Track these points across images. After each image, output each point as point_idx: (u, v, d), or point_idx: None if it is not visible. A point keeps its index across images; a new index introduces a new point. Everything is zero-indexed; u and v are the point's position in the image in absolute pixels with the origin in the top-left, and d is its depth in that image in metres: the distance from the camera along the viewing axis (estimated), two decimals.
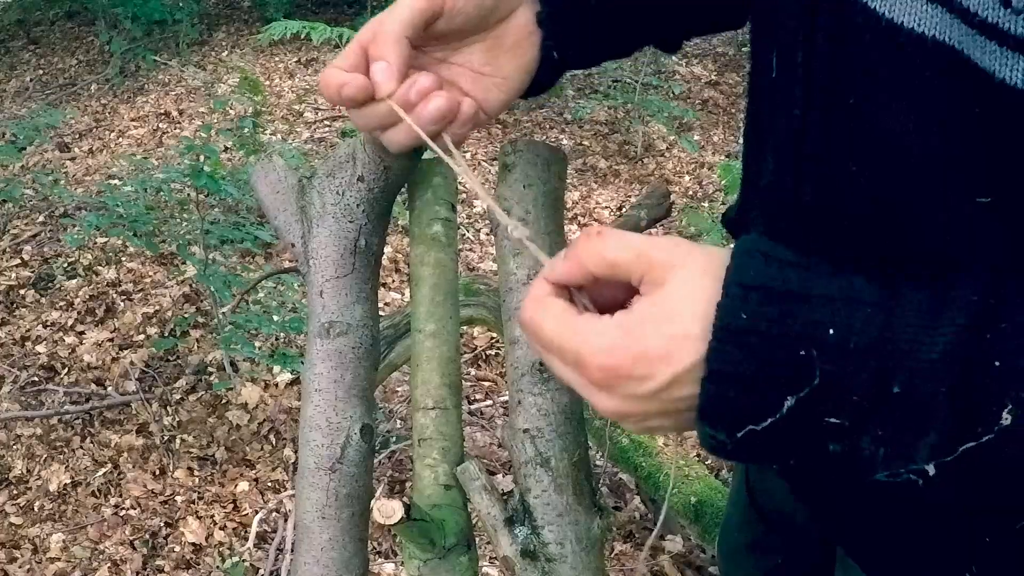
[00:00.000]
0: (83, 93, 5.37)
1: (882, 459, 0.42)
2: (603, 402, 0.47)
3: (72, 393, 2.87)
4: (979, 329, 0.41)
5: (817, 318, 0.42)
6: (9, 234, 3.78)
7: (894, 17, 0.47)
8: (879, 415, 0.42)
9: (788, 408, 0.42)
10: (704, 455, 2.50)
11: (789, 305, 0.42)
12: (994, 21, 0.42)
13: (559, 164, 0.74)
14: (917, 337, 0.41)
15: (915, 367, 0.41)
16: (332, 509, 0.73)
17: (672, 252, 0.46)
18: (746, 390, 0.43)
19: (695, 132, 4.43)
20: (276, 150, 3.98)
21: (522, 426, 0.69)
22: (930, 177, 0.49)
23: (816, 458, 0.44)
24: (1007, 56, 0.42)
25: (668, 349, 0.44)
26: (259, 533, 2.37)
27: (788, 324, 0.42)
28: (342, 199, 0.76)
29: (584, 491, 0.69)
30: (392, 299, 3.19)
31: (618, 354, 0.45)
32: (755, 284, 0.43)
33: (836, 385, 0.41)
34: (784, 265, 0.44)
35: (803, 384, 0.42)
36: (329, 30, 4.97)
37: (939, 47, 0.45)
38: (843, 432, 0.42)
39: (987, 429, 0.40)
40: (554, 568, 0.67)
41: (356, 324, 0.76)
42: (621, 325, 0.45)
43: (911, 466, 0.42)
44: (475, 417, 2.68)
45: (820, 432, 0.43)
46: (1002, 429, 0.40)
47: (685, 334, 0.44)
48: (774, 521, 0.92)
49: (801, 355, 0.41)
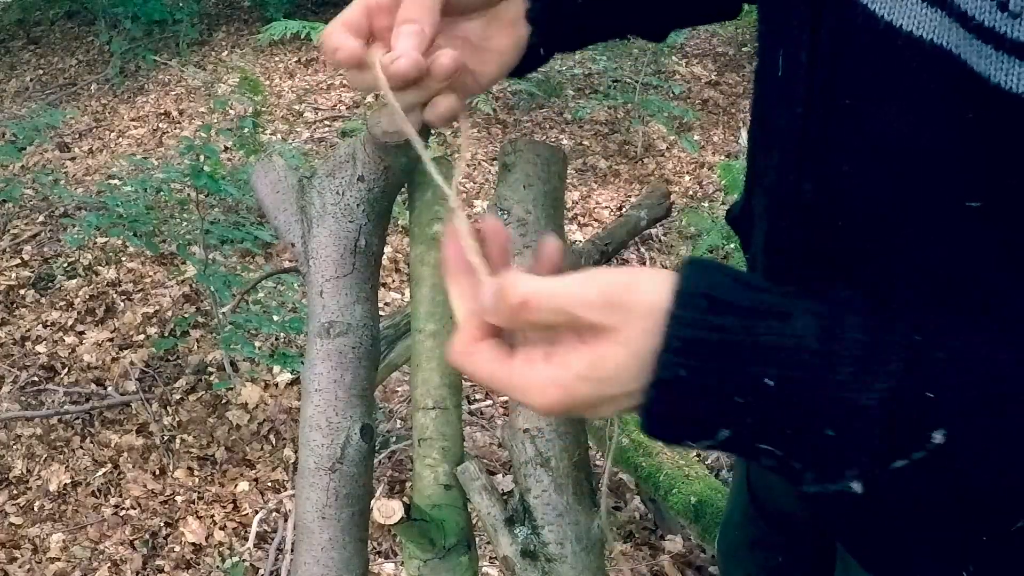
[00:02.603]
0: (83, 93, 5.37)
1: (812, 480, 0.45)
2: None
3: (72, 393, 2.87)
4: (913, 369, 0.42)
5: (756, 371, 0.42)
6: (9, 234, 3.78)
7: (893, 20, 0.47)
8: (810, 450, 0.44)
9: (724, 437, 0.44)
10: (704, 455, 2.50)
11: (728, 359, 0.43)
12: (991, 25, 0.42)
13: (559, 164, 0.74)
14: (853, 387, 0.42)
15: (851, 413, 0.42)
16: (332, 509, 0.73)
17: (606, 315, 0.44)
18: (683, 424, 0.45)
19: (695, 132, 4.43)
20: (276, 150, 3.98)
21: (522, 426, 0.69)
22: (923, 180, 0.49)
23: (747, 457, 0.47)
24: (1003, 60, 0.42)
25: (599, 403, 0.45)
26: (259, 533, 2.37)
27: (727, 376, 0.43)
28: (342, 199, 0.76)
29: (584, 491, 0.68)
30: (392, 299, 3.19)
31: (558, 407, 0.46)
32: (694, 338, 0.43)
33: (771, 426, 0.44)
34: (726, 310, 0.43)
35: (740, 424, 0.44)
36: None
37: (936, 51, 0.45)
38: (775, 457, 0.45)
39: (918, 448, 0.43)
40: (554, 568, 0.67)
41: (356, 324, 0.76)
42: (557, 383, 0.45)
43: (839, 484, 0.44)
44: (475, 417, 2.68)
45: (753, 452, 0.45)
46: (932, 449, 0.42)
47: (622, 393, 0.45)
48: (774, 520, 0.92)
49: (738, 402, 0.43)
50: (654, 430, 0.46)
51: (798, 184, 0.57)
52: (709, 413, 0.44)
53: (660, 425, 0.45)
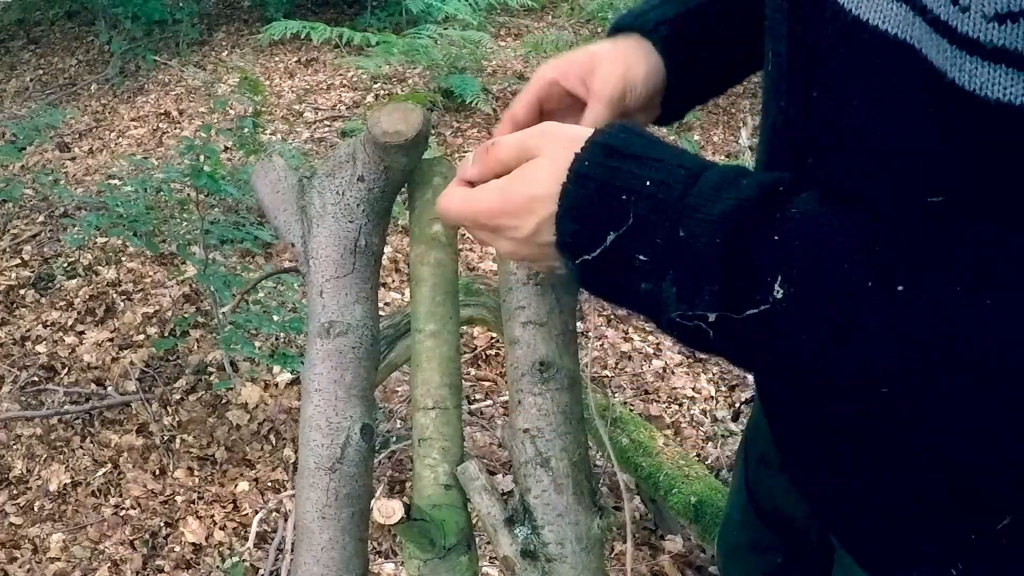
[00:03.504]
0: (83, 93, 5.37)
1: (675, 298, 0.50)
2: (501, 246, 0.59)
3: (72, 393, 2.87)
4: (762, 205, 0.48)
5: (640, 173, 0.51)
6: (9, 234, 3.78)
7: (860, 14, 0.47)
8: (671, 257, 0.50)
9: (610, 242, 0.51)
10: (704, 455, 2.50)
11: (623, 162, 0.52)
12: (945, 18, 0.42)
13: None
14: (707, 196, 0.49)
15: (698, 219, 0.48)
16: (332, 509, 0.73)
17: (547, 135, 0.58)
18: (582, 223, 0.53)
19: (695, 132, 4.43)
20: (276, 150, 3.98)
21: (522, 426, 0.69)
22: (888, 175, 0.49)
23: (632, 295, 0.53)
24: (955, 55, 0.42)
25: (530, 205, 0.55)
26: (259, 533, 2.37)
27: (617, 175, 0.52)
28: (342, 199, 0.76)
29: (584, 491, 0.68)
30: (392, 299, 3.19)
31: (495, 207, 0.58)
32: (604, 143, 0.54)
33: (643, 227, 0.50)
34: (636, 135, 0.54)
35: (620, 223, 0.51)
36: (329, 30, 4.97)
37: (899, 45, 0.45)
38: (648, 271, 0.51)
39: (763, 299, 0.47)
40: (554, 568, 0.67)
41: (356, 324, 0.76)
42: (498, 186, 0.58)
43: (696, 311, 0.49)
44: (475, 417, 2.68)
45: (633, 270, 0.51)
46: (776, 301, 0.46)
47: (542, 192, 0.55)
48: (773, 520, 0.92)
49: (622, 199, 0.51)
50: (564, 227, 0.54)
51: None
52: (603, 208, 0.52)
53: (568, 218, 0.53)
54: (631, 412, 2.32)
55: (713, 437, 2.60)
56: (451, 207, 0.62)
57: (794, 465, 0.74)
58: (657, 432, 2.22)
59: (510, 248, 0.59)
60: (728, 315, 0.48)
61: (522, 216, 0.56)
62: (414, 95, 4.52)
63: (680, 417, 2.68)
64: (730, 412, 2.63)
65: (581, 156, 0.53)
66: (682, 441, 2.55)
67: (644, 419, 2.34)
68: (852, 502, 0.67)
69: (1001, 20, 0.39)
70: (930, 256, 0.44)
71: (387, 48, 4.65)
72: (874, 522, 0.65)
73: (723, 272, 0.47)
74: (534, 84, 0.76)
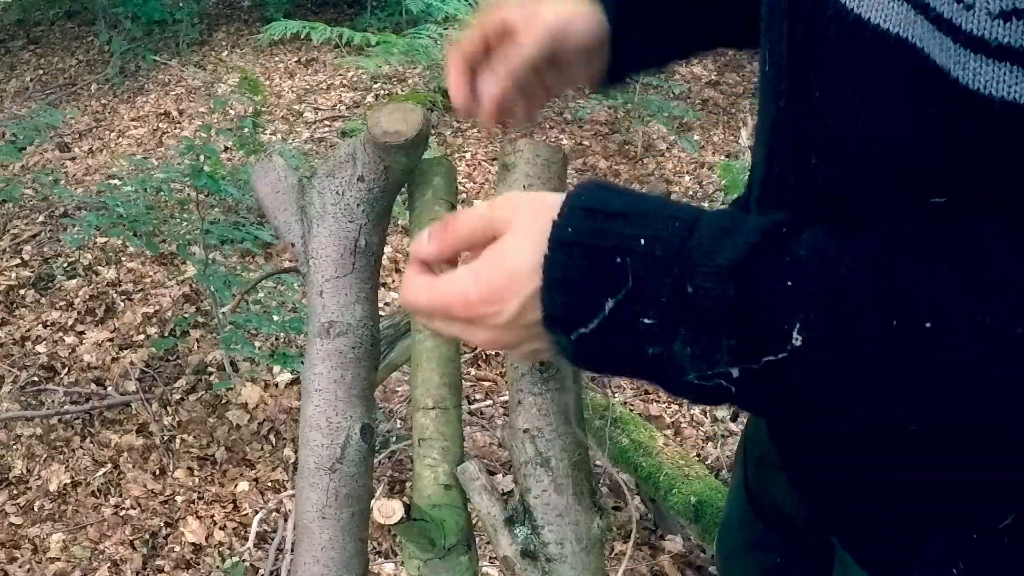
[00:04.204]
0: (83, 93, 5.37)
1: (690, 359, 0.46)
2: (478, 336, 0.54)
3: (72, 393, 2.87)
4: (770, 250, 0.45)
5: (631, 232, 0.48)
6: (9, 234, 3.78)
7: (861, 12, 0.47)
8: (681, 315, 0.46)
9: (609, 309, 0.47)
10: (704, 455, 2.50)
11: (609, 222, 0.48)
12: (948, 16, 0.42)
13: (559, 164, 0.74)
14: (709, 247, 0.46)
15: (705, 271, 0.45)
16: (332, 509, 0.73)
17: (513, 206, 0.53)
18: (573, 294, 0.48)
19: (695, 132, 4.43)
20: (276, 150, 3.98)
21: (522, 426, 0.69)
22: (890, 176, 0.49)
23: (639, 363, 0.49)
24: (959, 53, 0.42)
25: (510, 282, 0.50)
26: (259, 533, 2.37)
27: (606, 236, 0.48)
28: (342, 199, 0.76)
29: (584, 491, 0.68)
30: (392, 299, 3.19)
31: (472, 295, 0.52)
32: (584, 205, 0.50)
33: (645, 288, 0.47)
34: (615, 191, 0.50)
35: (619, 287, 0.47)
36: (329, 30, 4.97)
37: (901, 44, 0.45)
38: (656, 334, 0.47)
39: (781, 346, 0.45)
40: (554, 568, 0.67)
41: (356, 324, 0.76)
42: (471, 270, 0.53)
43: (717, 368, 0.46)
44: (475, 417, 2.68)
45: (638, 335, 0.48)
46: (794, 349, 0.44)
47: (522, 268, 0.50)
48: (773, 520, 0.92)
49: (616, 262, 0.47)
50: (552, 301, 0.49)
51: (781, 177, 0.58)
52: (596, 274, 0.48)
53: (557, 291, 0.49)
54: (631, 412, 2.32)
55: (713, 437, 2.60)
56: (419, 300, 0.55)
57: (793, 465, 0.74)
58: (657, 432, 2.22)
59: (488, 337, 0.53)
60: (749, 367, 0.46)
61: (503, 299, 0.51)
62: (414, 95, 4.52)
63: (680, 417, 2.68)
64: (730, 412, 2.63)
65: (561, 222, 0.49)
66: (682, 441, 2.55)
67: (644, 419, 2.34)
68: (852, 502, 0.67)
69: (1006, 18, 0.39)
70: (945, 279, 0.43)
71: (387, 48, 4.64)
72: (874, 522, 0.65)
73: (739, 324, 0.45)
74: (485, 18, 0.72)
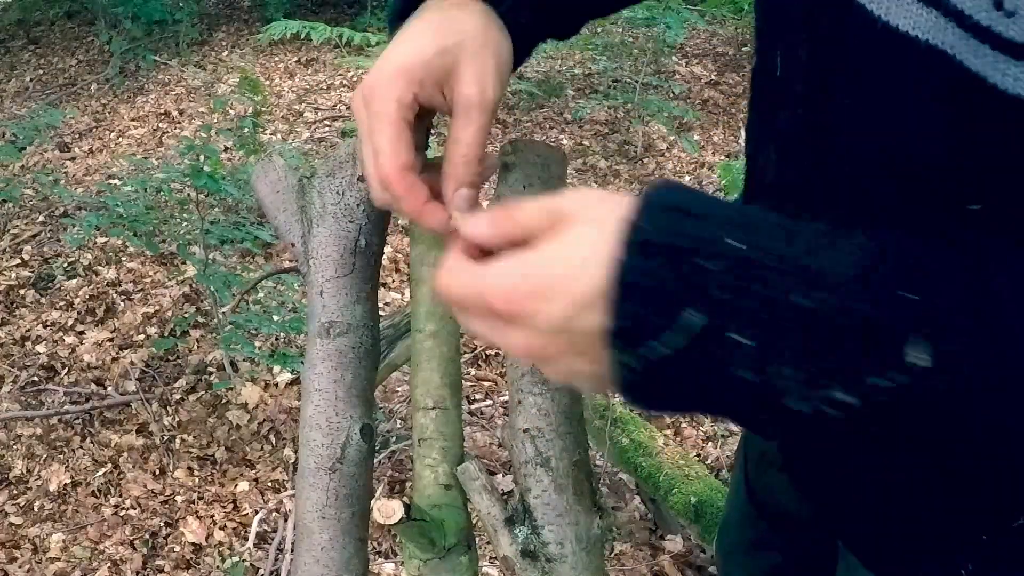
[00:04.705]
0: (83, 93, 5.37)
1: (796, 381, 0.40)
2: (516, 340, 0.46)
3: (72, 393, 2.87)
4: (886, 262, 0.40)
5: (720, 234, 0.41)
6: (9, 234, 3.78)
7: (889, 20, 0.47)
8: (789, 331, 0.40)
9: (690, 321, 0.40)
10: (704, 455, 2.50)
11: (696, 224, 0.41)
12: (987, 24, 0.42)
13: (559, 164, 0.74)
14: (826, 257, 0.40)
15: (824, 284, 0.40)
16: (332, 509, 0.73)
17: (582, 199, 0.45)
18: (650, 304, 0.41)
19: (695, 132, 4.43)
20: (276, 150, 3.98)
21: (522, 426, 0.68)
22: (921, 182, 0.49)
23: (721, 390, 0.42)
24: (999, 60, 0.42)
25: (566, 277, 0.43)
26: (259, 533, 2.37)
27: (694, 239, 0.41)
28: (342, 199, 0.76)
29: (584, 491, 0.68)
30: (392, 299, 3.19)
31: (519, 282, 0.44)
32: (664, 203, 0.43)
33: (738, 298, 0.40)
34: (690, 190, 0.44)
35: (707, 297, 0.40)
36: (329, 30, 4.97)
37: (931, 51, 0.45)
38: (749, 354, 0.40)
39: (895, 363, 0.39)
40: (554, 568, 0.67)
41: (356, 324, 0.76)
42: (522, 258, 0.45)
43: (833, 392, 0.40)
44: (475, 417, 2.68)
45: (726, 357, 0.40)
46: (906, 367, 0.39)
47: (585, 263, 0.42)
48: (773, 519, 0.92)
49: (707, 269, 0.40)
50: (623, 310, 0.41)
51: (797, 183, 0.57)
52: (680, 282, 0.40)
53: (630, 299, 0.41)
54: (631, 412, 2.32)
55: (713, 437, 2.60)
56: (457, 286, 0.48)
57: (796, 465, 0.74)
58: (657, 432, 2.22)
59: (526, 343, 0.45)
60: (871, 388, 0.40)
61: (554, 296, 0.43)
62: None
63: (680, 417, 2.68)
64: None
65: (637, 220, 0.42)
66: (682, 441, 2.55)
67: (644, 419, 2.35)
68: (857, 502, 0.66)
69: None
70: None
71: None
72: (880, 522, 0.65)
73: (861, 342, 0.39)
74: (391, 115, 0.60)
